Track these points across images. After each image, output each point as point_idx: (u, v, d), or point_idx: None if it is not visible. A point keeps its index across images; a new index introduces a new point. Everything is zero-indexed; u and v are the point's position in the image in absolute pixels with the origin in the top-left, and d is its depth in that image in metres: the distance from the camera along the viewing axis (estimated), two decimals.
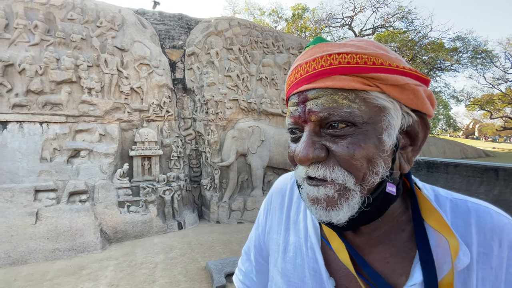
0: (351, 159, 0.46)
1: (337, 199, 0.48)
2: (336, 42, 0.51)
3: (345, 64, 0.47)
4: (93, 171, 5.41)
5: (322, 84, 0.47)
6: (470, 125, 42.96)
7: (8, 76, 5.20)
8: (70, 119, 5.56)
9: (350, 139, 0.46)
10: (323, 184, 0.48)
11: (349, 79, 0.46)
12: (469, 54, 17.75)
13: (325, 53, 0.48)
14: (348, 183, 0.47)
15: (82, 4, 5.96)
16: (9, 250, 4.26)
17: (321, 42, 0.52)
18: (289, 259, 0.63)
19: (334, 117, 0.46)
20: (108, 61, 5.89)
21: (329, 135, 0.48)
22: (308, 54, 0.51)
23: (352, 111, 0.46)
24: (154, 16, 7.42)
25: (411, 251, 0.51)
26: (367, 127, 0.47)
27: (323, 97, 0.47)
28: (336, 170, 0.47)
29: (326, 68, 0.47)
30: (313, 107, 0.48)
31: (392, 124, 0.48)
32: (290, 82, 0.54)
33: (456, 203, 0.54)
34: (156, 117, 6.41)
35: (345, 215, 0.48)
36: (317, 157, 0.48)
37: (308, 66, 0.50)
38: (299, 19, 18.39)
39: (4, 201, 4.60)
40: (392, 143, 0.48)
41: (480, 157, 19.96)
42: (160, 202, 5.88)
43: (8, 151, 5.02)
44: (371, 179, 0.47)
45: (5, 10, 5.32)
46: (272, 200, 0.74)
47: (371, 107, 0.47)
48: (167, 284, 3.56)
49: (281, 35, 8.41)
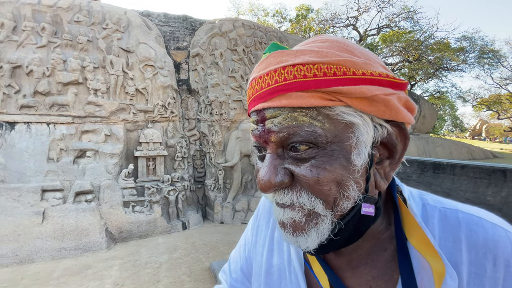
0: (316, 184, 0.41)
1: (304, 224, 0.43)
2: (294, 48, 0.46)
3: (301, 78, 0.40)
4: (98, 171, 5.47)
5: (278, 103, 0.42)
6: (477, 125, 42.37)
7: (16, 78, 5.29)
8: (76, 119, 5.63)
9: (313, 161, 0.41)
10: (290, 207, 0.44)
11: (307, 95, 0.40)
12: (476, 53, 17.53)
13: (279, 65, 0.42)
14: (316, 208, 0.42)
15: (89, 7, 6.04)
16: (16, 249, 4.33)
17: (276, 51, 0.45)
18: (273, 283, 0.58)
19: (294, 137, 0.41)
20: (114, 63, 5.95)
21: (292, 158, 0.43)
22: (263, 66, 0.45)
23: (313, 130, 0.41)
24: (159, 17, 7.49)
25: (395, 274, 0.46)
26: (333, 146, 0.41)
27: (281, 116, 0.42)
28: (303, 195, 0.42)
29: (280, 84, 0.42)
30: (272, 127, 0.43)
31: (362, 140, 0.42)
32: (248, 97, 0.49)
33: (446, 214, 0.47)
34: (161, 118, 6.45)
35: (313, 242, 0.43)
36: (280, 183, 0.43)
37: (262, 81, 0.44)
38: (303, 19, 18.36)
39: (12, 201, 4.67)
40: (363, 162, 0.42)
41: (488, 158, 19.67)
42: (164, 202, 5.91)
43: (16, 151, 5.10)
44: (342, 204, 0.42)
45: (13, 13, 5.42)
46: (259, 218, 0.68)
47: (336, 124, 0.41)
48: (171, 284, 3.58)
49: (285, 35, 8.42)
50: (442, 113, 29.61)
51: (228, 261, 0.76)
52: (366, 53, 0.45)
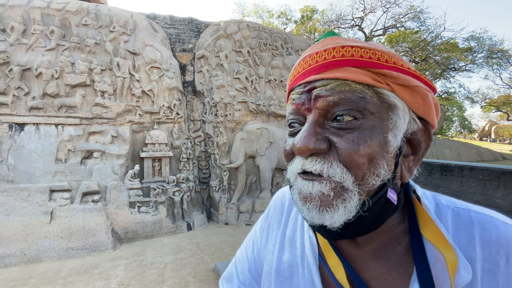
0: (355, 154, 0.42)
1: (332, 199, 0.44)
2: (346, 38, 0.50)
3: (357, 57, 0.44)
4: (105, 172, 5.54)
5: (332, 74, 0.45)
6: (486, 127, 41.62)
7: (26, 80, 5.40)
8: (84, 121, 5.71)
9: (356, 133, 0.43)
10: (318, 180, 0.44)
11: (362, 72, 0.44)
12: (484, 54, 17.25)
13: (338, 45, 0.46)
14: (346, 181, 0.43)
15: (96, 10, 6.14)
16: (24, 248, 4.40)
17: (333, 36, 0.50)
18: (283, 280, 0.58)
19: (345, 102, 0.43)
20: (121, 65, 6.03)
21: (334, 128, 0.45)
22: (319, 46, 0.48)
23: (364, 97, 0.44)
24: (165, 20, 7.56)
25: (409, 266, 0.47)
26: (375, 121, 0.44)
27: (334, 83, 0.44)
28: (335, 166, 0.43)
29: (338, 59, 0.45)
30: (322, 92, 0.45)
31: (399, 125, 0.45)
32: (296, 73, 0.50)
33: (459, 213, 0.49)
34: (167, 119, 6.50)
35: (340, 218, 0.44)
36: (318, 149, 0.44)
37: (318, 56, 0.47)
38: (308, 21, 18.33)
39: (21, 201, 4.76)
40: (397, 145, 0.45)
41: (497, 160, 19.30)
42: (169, 203, 5.95)
43: (25, 152, 5.20)
44: (371, 180, 0.43)
45: (23, 17, 5.54)
46: (271, 216, 0.69)
47: (382, 102, 0.45)
48: (176, 285, 3.59)
49: (290, 37, 8.41)
50: (450, 114, 29.19)
51: (233, 264, 0.75)
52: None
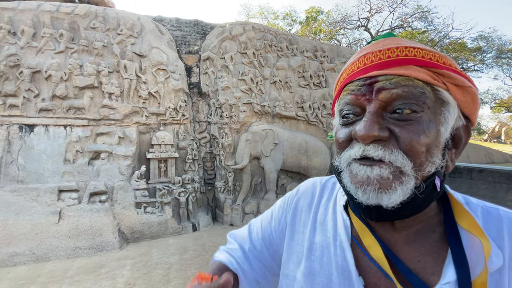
0: (416, 143, 0.47)
1: (391, 181, 0.48)
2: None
3: (420, 58, 0.49)
4: (112, 173, 5.60)
5: (396, 71, 0.49)
6: (496, 128, 40.79)
7: (36, 82, 5.52)
8: (91, 122, 5.80)
9: (416, 124, 0.48)
10: (378, 164, 0.48)
11: (423, 71, 0.49)
12: (493, 53, 16.92)
13: (400, 45, 0.50)
14: (405, 167, 0.47)
15: (104, 13, 6.24)
16: (33, 247, 4.48)
17: (393, 36, 0.54)
18: (314, 258, 0.63)
19: (407, 96, 0.48)
20: (128, 67, 6.11)
21: (393, 119, 0.49)
22: (381, 45, 0.52)
23: (424, 92, 0.48)
24: (171, 22, 7.64)
25: (443, 251, 0.52)
26: (430, 115, 0.49)
27: (398, 78, 0.49)
28: (396, 153, 0.48)
29: (402, 58, 0.49)
30: (386, 85, 0.49)
31: (449, 120, 0.51)
32: (355, 67, 0.54)
33: (488, 210, 0.55)
34: (173, 121, 6.56)
35: (397, 198, 0.48)
36: (381, 136, 0.48)
37: (381, 54, 0.51)
38: (313, 22, 18.28)
39: (30, 200, 4.85)
40: (446, 137, 0.51)
41: (507, 162, 18.87)
42: (175, 203, 5.99)
43: (35, 153, 5.30)
44: (427, 167, 0.48)
45: (33, 20, 5.66)
46: (298, 200, 0.74)
47: (436, 99, 0.50)
48: (181, 285, 3.61)
49: (295, 38, 8.40)
50: None
51: (248, 229, 0.82)
52: None
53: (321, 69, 8.21)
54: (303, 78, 8.00)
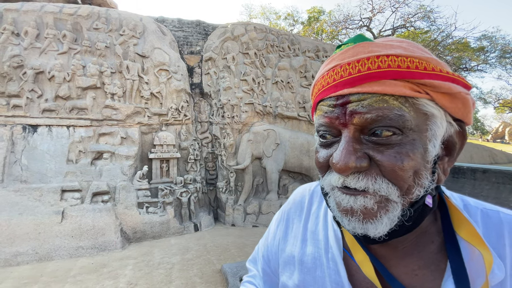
0: (400, 170, 0.42)
1: (376, 211, 0.44)
2: (377, 41, 0.47)
3: (395, 68, 0.43)
4: (114, 173, 5.63)
5: (369, 88, 0.43)
6: (499, 128, 40.50)
7: (39, 83, 5.56)
8: (94, 123, 5.83)
9: (397, 148, 0.42)
10: (362, 194, 0.44)
11: (400, 84, 0.43)
12: (497, 53, 16.79)
13: (372, 54, 0.43)
14: (391, 195, 0.43)
15: (107, 14, 6.27)
16: (36, 247, 4.51)
17: (364, 41, 0.46)
18: (307, 271, 0.60)
19: (382, 120, 0.42)
20: (130, 68, 6.14)
21: (372, 143, 0.44)
22: (350, 54, 0.46)
23: (402, 114, 0.42)
24: (173, 23, 7.67)
25: (441, 264, 0.48)
26: (414, 135, 0.43)
27: (371, 99, 0.43)
28: (379, 181, 0.43)
29: (374, 71, 0.43)
30: (358, 108, 0.43)
31: (437, 133, 0.45)
32: (325, 83, 0.48)
33: (488, 213, 0.50)
34: (175, 121, 6.57)
35: (384, 228, 0.44)
36: (359, 167, 0.43)
37: (350, 67, 0.45)
38: (315, 22, 18.26)
39: (34, 200, 4.88)
40: (435, 153, 0.45)
41: (511, 162, 18.71)
42: (177, 203, 6.00)
43: (38, 153, 5.34)
44: (415, 191, 0.44)
45: (37, 21, 5.71)
46: (289, 211, 0.71)
47: (419, 114, 0.44)
48: (183, 285, 3.61)
49: (297, 38, 8.39)
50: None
51: (257, 250, 0.81)
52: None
53: None
54: (305, 78, 7.99)
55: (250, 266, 0.81)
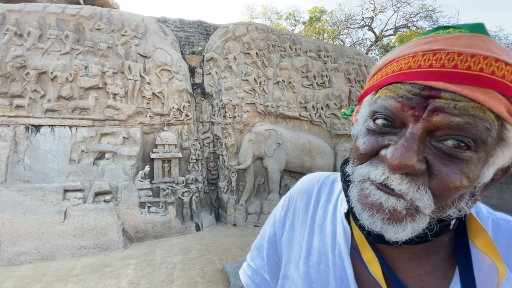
0: (454, 188, 0.38)
1: (403, 217, 0.41)
2: (497, 43, 0.41)
3: (508, 81, 0.37)
4: (116, 173, 5.65)
5: (470, 92, 0.36)
6: None
7: (42, 83, 5.59)
8: (96, 123, 5.85)
9: (463, 165, 0.38)
10: (397, 196, 0.41)
11: (503, 101, 0.37)
12: None
13: (491, 55, 0.37)
14: (425, 208, 0.39)
15: (109, 15, 6.30)
16: (39, 246, 4.53)
17: (485, 35, 0.39)
18: (312, 264, 0.59)
19: (470, 129, 0.37)
20: (132, 68, 6.16)
21: (439, 150, 0.39)
22: (463, 43, 0.38)
23: (491, 129, 0.37)
24: (174, 23, 7.68)
25: (449, 271, 0.47)
26: (482, 155, 0.39)
27: (468, 103, 0.37)
28: (422, 191, 0.39)
29: (485, 76, 0.36)
30: (447, 108, 0.37)
31: (498, 162, 0.41)
32: (414, 64, 0.41)
33: (499, 223, 0.50)
34: (176, 121, 6.59)
35: (404, 235, 0.42)
36: (417, 170, 0.39)
37: (460, 60, 0.37)
38: (316, 22, 18.23)
39: (36, 200, 4.91)
40: (486, 181, 0.41)
41: None
42: (179, 203, 6.01)
43: (41, 153, 5.36)
44: (450, 211, 0.41)
45: (39, 22, 5.73)
46: (296, 199, 0.69)
47: (498, 136, 0.39)
48: (184, 285, 3.62)
49: (299, 38, 8.39)
50: None
51: (261, 236, 0.79)
52: None
53: (324, 69, 8.18)
54: (306, 78, 7.98)
55: (250, 261, 0.79)
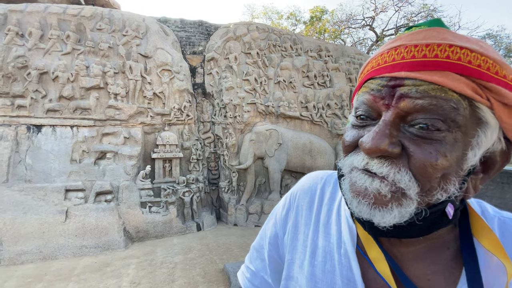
0: (430, 167, 0.39)
1: (389, 200, 0.42)
2: (455, 32, 0.44)
3: (465, 63, 0.39)
4: (117, 173, 5.66)
5: (429, 77, 0.39)
6: None
7: (43, 83, 5.60)
8: (97, 123, 5.86)
9: (437, 145, 0.40)
10: (380, 179, 0.42)
11: (464, 81, 0.39)
12: (501, 52, 16.65)
13: (444, 42, 0.40)
14: (410, 190, 0.40)
15: (110, 15, 6.31)
16: (41, 246, 4.55)
17: (440, 27, 0.43)
18: (317, 264, 0.58)
19: (435, 110, 0.39)
20: (133, 68, 6.17)
21: (411, 134, 0.41)
22: (420, 36, 0.42)
23: (458, 107, 0.39)
24: (175, 23, 7.69)
25: (455, 271, 0.47)
26: (458, 136, 0.40)
27: (428, 86, 0.39)
28: (403, 172, 0.41)
29: (441, 60, 0.39)
30: (410, 92, 0.40)
31: (482, 144, 0.42)
32: (382, 61, 0.44)
33: (505, 222, 0.49)
34: (177, 121, 6.59)
35: (391, 220, 0.42)
36: (390, 152, 0.41)
37: (416, 50, 0.40)
38: (317, 21, 18.21)
39: (38, 200, 4.92)
40: (473, 164, 0.42)
41: None
42: (179, 203, 6.02)
43: (42, 153, 5.38)
44: (437, 194, 0.41)
45: (41, 22, 5.75)
46: (299, 198, 0.68)
47: (472, 117, 0.40)
48: (185, 285, 3.62)
49: (299, 38, 8.38)
50: None
51: (260, 236, 0.78)
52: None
53: (325, 68, 8.17)
54: (307, 78, 7.97)
55: (249, 263, 0.78)
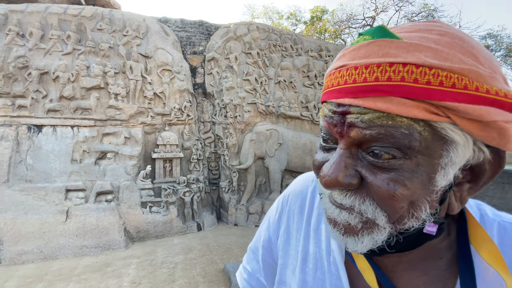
0: (389, 199, 0.37)
1: (359, 230, 0.40)
2: (403, 31, 0.38)
3: (410, 83, 0.34)
4: (118, 173, 5.66)
5: (372, 104, 0.35)
6: None
7: (44, 83, 5.61)
8: (98, 123, 5.87)
9: (393, 174, 0.36)
10: (348, 210, 0.41)
11: (411, 104, 0.34)
12: (502, 52, 16.62)
13: (385, 60, 0.35)
14: (377, 220, 0.39)
15: (110, 15, 6.31)
16: (41, 246, 4.55)
17: (382, 38, 0.37)
18: (308, 270, 0.57)
19: (385, 138, 0.36)
20: (133, 68, 6.17)
21: (368, 162, 0.38)
22: (361, 54, 0.38)
23: (411, 133, 0.35)
24: (176, 23, 7.69)
25: (449, 282, 0.44)
26: (421, 159, 0.36)
27: (373, 114, 0.36)
28: (367, 203, 0.39)
29: (381, 84, 0.35)
30: (357, 122, 0.37)
31: (454, 162, 0.37)
32: (330, 84, 0.42)
33: (505, 227, 0.46)
34: (178, 121, 6.60)
35: (364, 247, 0.41)
36: (348, 184, 0.39)
37: (357, 73, 0.37)
38: (318, 21, 18.20)
39: (38, 199, 4.93)
40: (446, 184, 0.38)
41: None
42: (180, 203, 6.02)
43: (43, 153, 5.39)
44: (407, 222, 0.38)
45: (41, 22, 5.76)
46: (290, 201, 0.66)
47: (435, 136, 0.36)
48: (186, 284, 3.63)
49: (300, 38, 8.37)
50: None
51: (256, 239, 0.76)
52: (490, 59, 0.37)
53: (326, 68, 8.17)
54: (307, 77, 7.97)
55: (246, 263, 0.77)
